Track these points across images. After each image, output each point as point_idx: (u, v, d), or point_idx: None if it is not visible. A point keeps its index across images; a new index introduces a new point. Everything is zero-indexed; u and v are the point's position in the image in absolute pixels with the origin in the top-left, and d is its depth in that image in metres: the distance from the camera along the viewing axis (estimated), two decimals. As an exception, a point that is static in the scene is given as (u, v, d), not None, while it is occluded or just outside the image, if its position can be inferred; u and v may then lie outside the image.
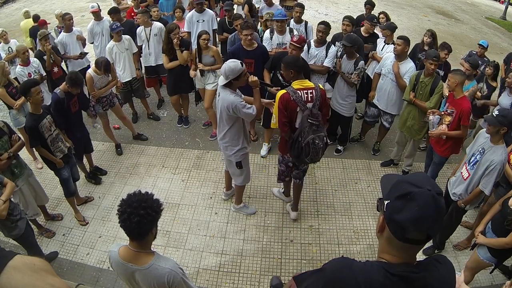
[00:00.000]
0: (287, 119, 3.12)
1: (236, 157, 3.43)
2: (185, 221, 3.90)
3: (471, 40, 9.78)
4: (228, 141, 3.36)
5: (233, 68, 2.95)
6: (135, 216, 1.60)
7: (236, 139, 3.33)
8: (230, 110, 3.06)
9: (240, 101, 3.05)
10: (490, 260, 2.80)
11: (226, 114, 3.14)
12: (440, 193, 1.05)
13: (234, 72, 2.96)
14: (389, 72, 4.27)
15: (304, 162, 3.27)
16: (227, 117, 3.17)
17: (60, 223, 3.90)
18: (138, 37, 5.15)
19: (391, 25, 4.84)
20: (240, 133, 3.33)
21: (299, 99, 3.03)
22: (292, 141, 3.15)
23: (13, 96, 4.12)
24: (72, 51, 5.26)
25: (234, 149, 3.37)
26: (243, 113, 3.07)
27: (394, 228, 1.07)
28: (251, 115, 3.12)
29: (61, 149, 3.55)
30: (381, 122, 4.70)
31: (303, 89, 3.07)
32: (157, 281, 1.76)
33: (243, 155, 3.46)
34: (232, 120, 3.21)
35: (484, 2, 16.83)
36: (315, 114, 3.04)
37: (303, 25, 5.07)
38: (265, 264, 3.45)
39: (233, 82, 3.04)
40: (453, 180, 3.34)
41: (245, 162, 3.56)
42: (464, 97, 3.56)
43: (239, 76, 3.00)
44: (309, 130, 3.04)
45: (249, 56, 4.22)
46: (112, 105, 4.63)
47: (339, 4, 12.50)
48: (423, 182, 1.05)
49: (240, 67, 2.98)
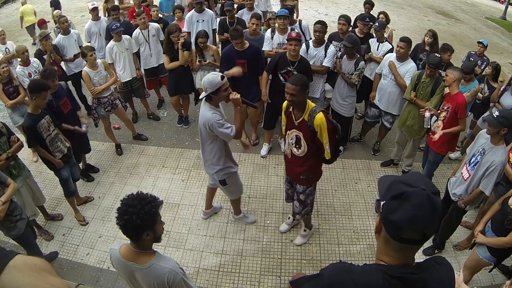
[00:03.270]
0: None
1: (218, 176, 3.18)
2: (185, 221, 3.90)
3: (471, 40, 9.77)
4: (208, 160, 3.12)
5: (211, 81, 2.72)
6: (121, 220, 1.64)
7: (216, 159, 3.08)
8: (207, 127, 2.84)
9: (217, 119, 2.79)
10: (489, 259, 2.81)
11: (204, 131, 2.93)
12: (436, 193, 1.04)
13: (212, 85, 2.72)
14: (390, 73, 4.27)
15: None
16: (206, 134, 2.95)
17: (60, 223, 3.90)
18: (135, 41, 5.10)
19: (382, 24, 4.83)
20: (221, 153, 3.07)
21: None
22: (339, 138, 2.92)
23: (9, 95, 4.12)
24: (69, 53, 5.25)
25: (215, 168, 3.13)
26: (219, 133, 2.83)
27: (389, 228, 1.07)
28: (228, 136, 2.87)
29: (61, 149, 3.54)
30: (382, 122, 4.70)
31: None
32: (157, 280, 1.76)
33: (226, 174, 3.20)
34: (211, 138, 2.97)
35: (484, 2, 16.84)
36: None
37: (297, 26, 5.07)
38: (265, 264, 3.45)
39: (212, 97, 2.81)
40: (453, 181, 3.34)
41: (231, 180, 3.29)
42: (459, 92, 3.59)
43: (217, 91, 2.76)
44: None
45: (241, 57, 4.20)
46: (115, 107, 4.57)
47: (339, 4, 12.49)
48: (417, 182, 1.05)
49: (218, 81, 2.72)
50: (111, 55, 4.86)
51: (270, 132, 4.78)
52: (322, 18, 7.75)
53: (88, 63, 4.29)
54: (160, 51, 5.14)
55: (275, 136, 5.05)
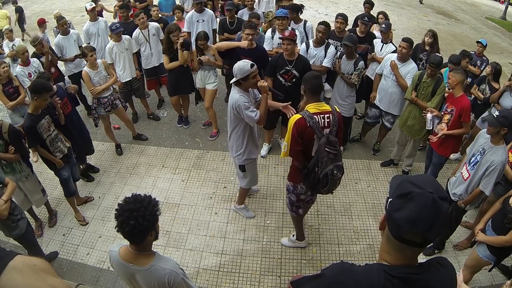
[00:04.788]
0: (302, 148, 2.73)
1: (239, 160, 3.37)
2: (185, 221, 3.90)
3: (471, 40, 9.77)
4: (232, 142, 3.33)
5: (241, 67, 2.91)
6: (126, 225, 1.61)
7: (239, 143, 3.27)
8: (234, 109, 3.03)
9: (244, 101, 2.97)
10: (489, 258, 2.81)
11: (232, 113, 3.10)
12: (444, 198, 1.03)
13: (242, 71, 2.91)
14: (391, 73, 4.27)
15: (320, 193, 2.92)
16: (233, 117, 3.13)
17: (60, 223, 3.90)
18: (135, 41, 5.10)
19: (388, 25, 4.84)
20: (244, 138, 3.25)
21: (316, 125, 2.64)
22: (307, 171, 2.75)
23: (9, 96, 4.11)
24: (68, 53, 5.24)
25: (238, 151, 3.32)
26: (245, 115, 3.01)
27: (391, 226, 1.08)
28: (252, 119, 3.03)
29: (61, 149, 3.54)
30: (383, 122, 4.70)
31: (320, 113, 2.68)
32: (158, 281, 1.76)
33: (247, 160, 3.38)
34: (237, 121, 3.16)
35: (484, 2, 16.85)
36: (333, 142, 2.67)
37: (301, 25, 5.07)
38: (265, 264, 3.45)
39: (242, 82, 2.99)
40: (453, 180, 3.35)
41: (250, 167, 3.49)
42: (463, 95, 3.58)
43: (247, 77, 2.94)
44: (327, 160, 2.66)
45: (247, 55, 4.18)
46: (115, 107, 4.57)
47: (339, 4, 12.50)
48: (426, 184, 1.05)
49: (248, 68, 2.91)
50: (111, 55, 4.86)
51: (270, 132, 4.78)
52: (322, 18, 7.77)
53: (88, 63, 4.29)
54: (161, 50, 5.13)
55: (275, 136, 5.05)
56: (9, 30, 5.83)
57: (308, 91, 2.73)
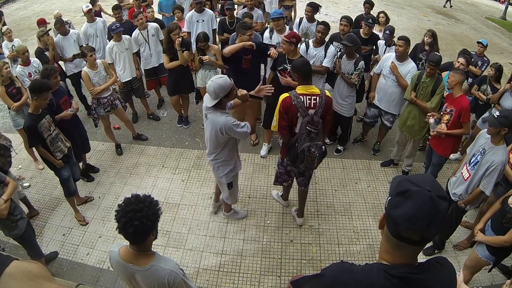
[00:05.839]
0: (287, 123, 3.06)
1: (227, 178, 3.28)
2: (185, 221, 3.90)
3: (471, 40, 9.77)
4: (221, 161, 3.18)
5: (222, 85, 2.71)
6: (130, 226, 1.59)
7: (229, 159, 3.17)
8: (223, 133, 2.85)
9: (232, 121, 2.82)
10: (488, 258, 2.82)
11: (218, 137, 2.93)
12: (442, 197, 1.03)
13: (224, 88, 2.73)
14: (391, 73, 4.26)
15: (299, 168, 3.17)
16: (221, 139, 2.96)
17: (60, 223, 3.90)
18: (135, 41, 5.09)
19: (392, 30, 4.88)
20: (234, 152, 3.19)
21: (301, 104, 2.95)
22: (289, 146, 3.10)
23: (13, 97, 4.10)
24: (68, 53, 5.23)
25: (226, 169, 3.21)
26: (237, 133, 2.88)
27: (389, 224, 1.08)
28: (246, 133, 2.94)
29: (61, 149, 3.54)
30: (382, 122, 4.69)
31: (307, 95, 2.97)
32: (158, 282, 1.76)
33: (234, 176, 3.34)
34: (225, 141, 3.01)
35: (484, 2, 16.85)
36: (315, 122, 2.95)
37: (314, 24, 5.00)
38: (265, 264, 3.45)
39: (223, 100, 2.82)
40: (453, 181, 3.35)
41: (236, 181, 3.47)
42: (463, 95, 3.58)
43: (229, 92, 2.79)
44: (306, 137, 2.98)
45: (247, 52, 4.16)
46: (114, 107, 4.56)
47: (339, 4, 12.50)
48: (424, 183, 1.05)
49: (229, 82, 2.76)
50: (111, 55, 4.85)
51: (270, 131, 4.78)
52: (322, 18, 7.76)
53: (88, 63, 4.28)
54: (161, 50, 5.13)
55: (275, 136, 5.05)
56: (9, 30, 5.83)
57: (299, 76, 3.03)
